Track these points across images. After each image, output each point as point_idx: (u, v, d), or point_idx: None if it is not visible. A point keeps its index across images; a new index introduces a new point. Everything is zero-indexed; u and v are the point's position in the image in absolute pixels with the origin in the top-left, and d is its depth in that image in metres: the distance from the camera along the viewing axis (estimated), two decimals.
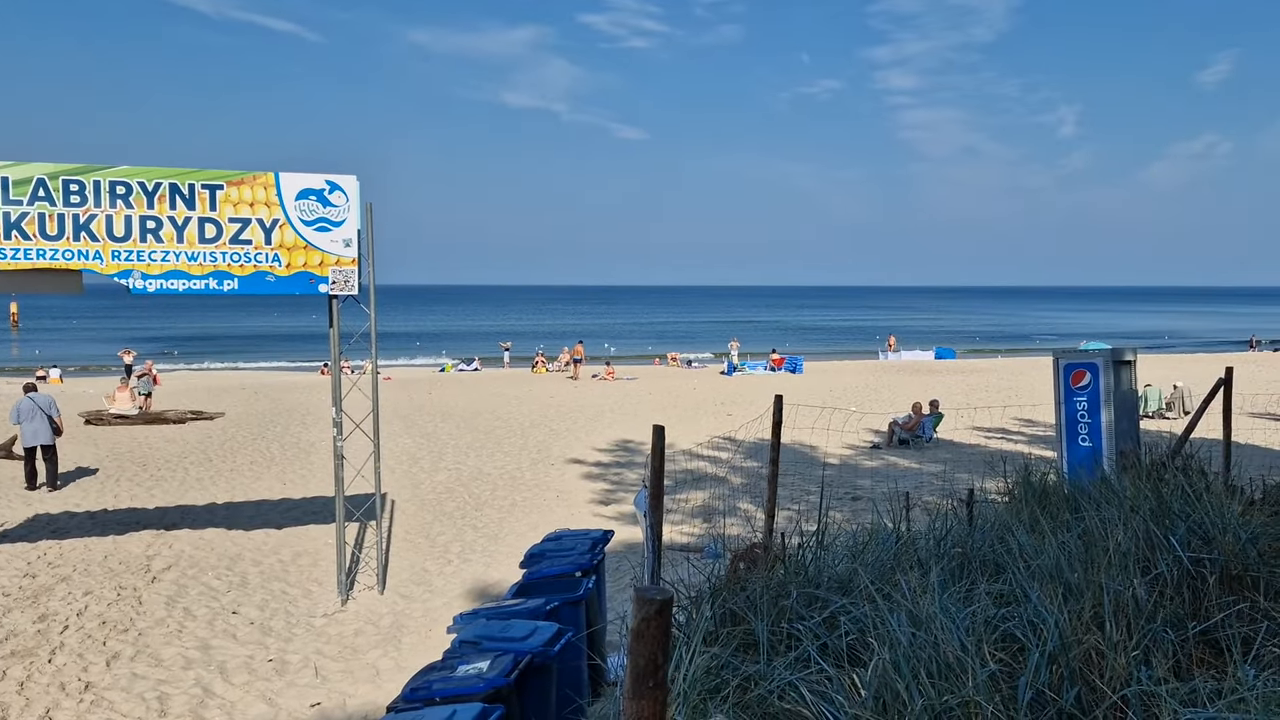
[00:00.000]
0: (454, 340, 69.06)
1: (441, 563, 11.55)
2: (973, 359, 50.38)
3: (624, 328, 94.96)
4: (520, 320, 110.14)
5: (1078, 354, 10.62)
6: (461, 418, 24.30)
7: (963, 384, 32.37)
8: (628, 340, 71.27)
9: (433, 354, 53.11)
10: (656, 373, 40.16)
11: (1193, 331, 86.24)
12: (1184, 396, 24.04)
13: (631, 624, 1.99)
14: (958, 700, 3.39)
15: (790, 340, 68.60)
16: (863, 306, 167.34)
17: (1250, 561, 4.68)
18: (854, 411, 23.29)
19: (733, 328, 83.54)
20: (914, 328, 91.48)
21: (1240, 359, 43.66)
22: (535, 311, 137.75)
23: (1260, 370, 35.84)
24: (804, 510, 12.15)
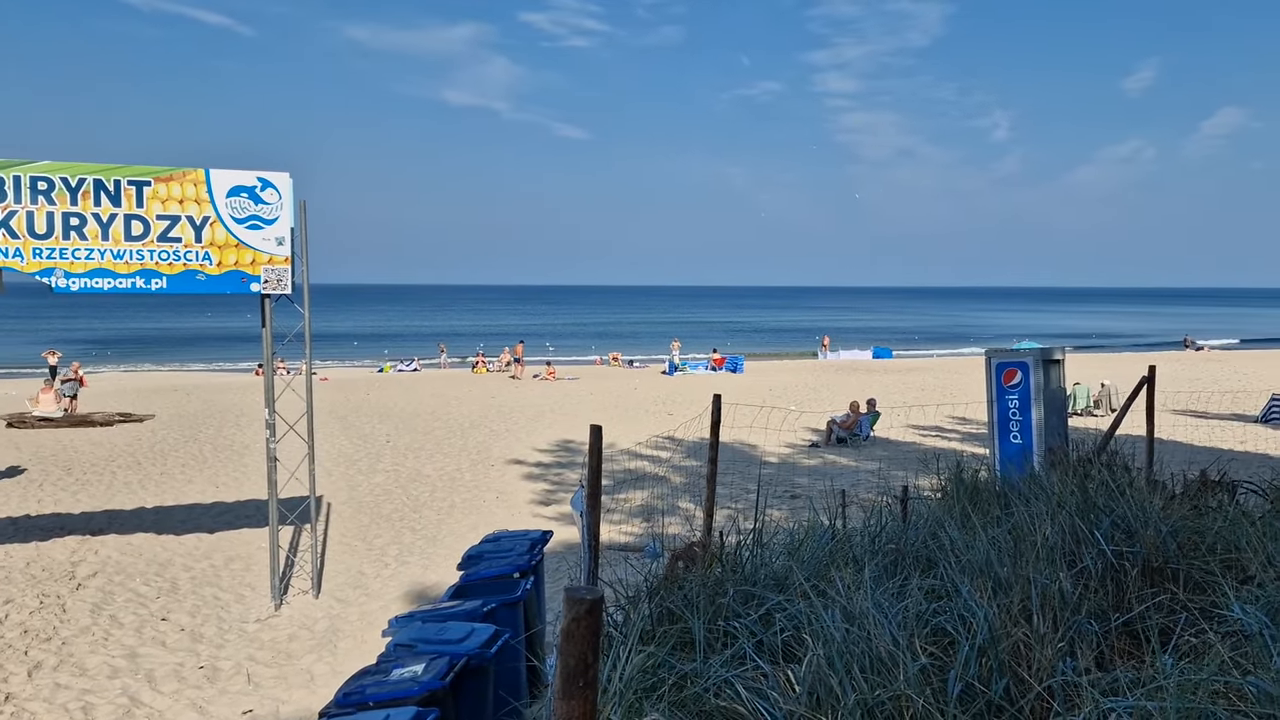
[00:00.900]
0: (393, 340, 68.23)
1: (379, 565, 11.40)
2: (910, 358, 51.23)
3: (565, 328, 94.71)
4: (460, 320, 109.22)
5: (1009, 353, 10.85)
6: (400, 418, 24.01)
7: (900, 383, 32.88)
8: (569, 340, 71.10)
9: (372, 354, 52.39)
10: (598, 373, 40.12)
11: (1123, 331, 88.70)
12: (1111, 394, 24.73)
13: (562, 624, 1.98)
14: (889, 694, 3.44)
15: (731, 340, 69.05)
16: (803, 307, 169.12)
17: (1170, 554, 4.82)
18: (793, 410, 23.52)
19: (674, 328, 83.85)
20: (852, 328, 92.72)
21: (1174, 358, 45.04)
22: (476, 311, 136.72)
23: (1183, 369, 37.02)
24: (743, 509, 12.24)
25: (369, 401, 27.76)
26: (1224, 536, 5.09)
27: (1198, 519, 5.57)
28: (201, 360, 51.34)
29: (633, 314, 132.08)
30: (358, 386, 32.70)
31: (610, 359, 45.78)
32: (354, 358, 50.50)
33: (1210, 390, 26.36)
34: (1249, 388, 27.18)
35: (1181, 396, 23.71)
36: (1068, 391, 16.54)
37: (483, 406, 26.77)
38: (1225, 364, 41.12)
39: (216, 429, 21.92)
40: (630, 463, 16.95)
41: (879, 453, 18.59)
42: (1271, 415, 20.88)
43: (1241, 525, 5.23)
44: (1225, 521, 5.40)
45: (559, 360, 43.90)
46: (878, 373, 38.41)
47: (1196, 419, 21.11)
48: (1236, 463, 11.85)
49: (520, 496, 14.95)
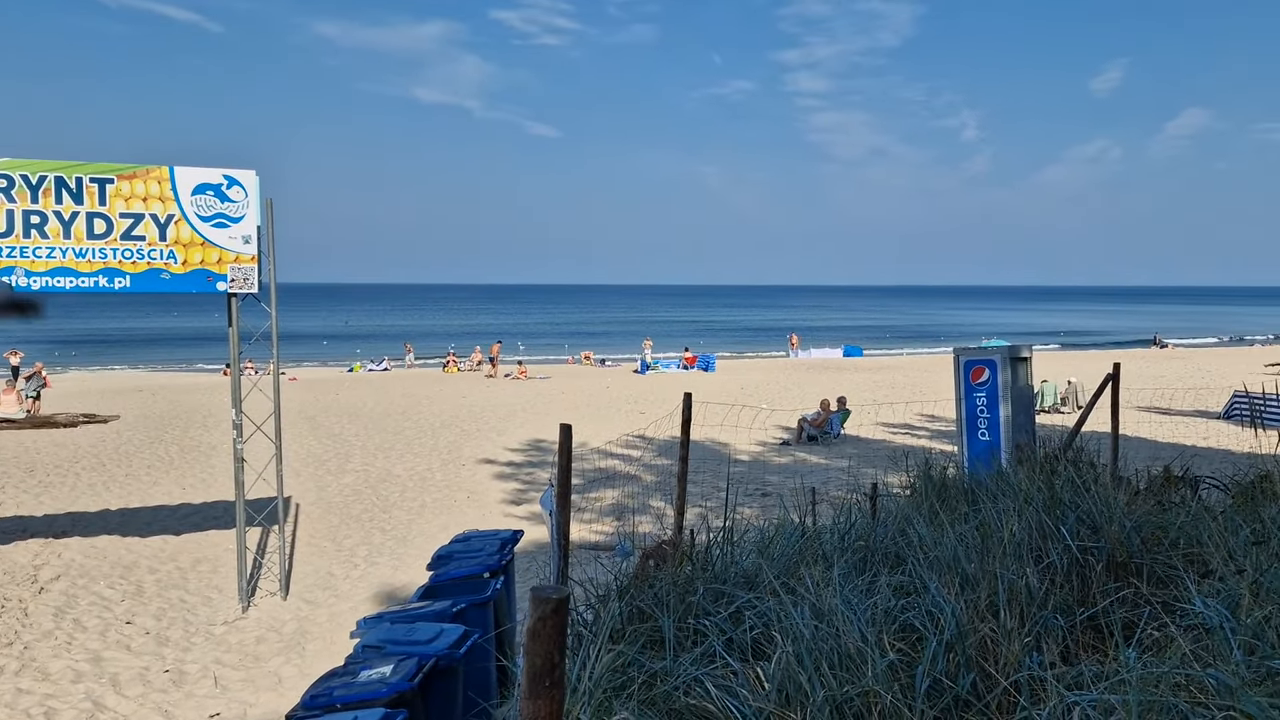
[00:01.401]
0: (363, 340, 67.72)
1: (348, 566, 11.31)
2: (880, 356, 51.57)
3: (537, 327, 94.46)
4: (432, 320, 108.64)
5: (977, 351, 10.94)
6: (370, 418, 23.84)
7: (870, 381, 33.08)
8: (541, 339, 70.89)
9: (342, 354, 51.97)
10: (570, 372, 40.06)
11: (1091, 329, 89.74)
12: (1077, 391, 25.02)
13: (528, 624, 1.97)
14: (858, 690, 3.45)
15: (703, 339, 69.16)
16: (774, 305, 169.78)
17: (1134, 549, 4.88)
18: (764, 409, 23.60)
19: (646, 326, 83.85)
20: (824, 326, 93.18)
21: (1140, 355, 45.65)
22: (447, 311, 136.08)
23: (1148, 366, 37.53)
24: (715, 507, 12.27)
25: (338, 401, 27.55)
26: (1186, 531, 5.16)
27: (1161, 514, 5.65)
28: (168, 360, 50.69)
29: (605, 313, 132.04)
30: (327, 386, 32.44)
31: (582, 358, 45.71)
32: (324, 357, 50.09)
33: (1174, 387, 26.73)
34: (1212, 385, 27.60)
35: (1146, 393, 24.06)
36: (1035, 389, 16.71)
37: (454, 406, 26.64)
38: (1189, 361, 41.73)
39: (183, 430, 21.66)
40: (602, 461, 16.93)
41: (849, 450, 18.69)
42: (1233, 412, 21.21)
43: (1203, 520, 5.30)
44: (1188, 516, 5.47)
45: (530, 359, 43.77)
46: (848, 371, 38.63)
47: (1161, 415, 21.41)
48: (1199, 458, 12.02)
49: (491, 496, 14.89)
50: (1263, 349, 52.78)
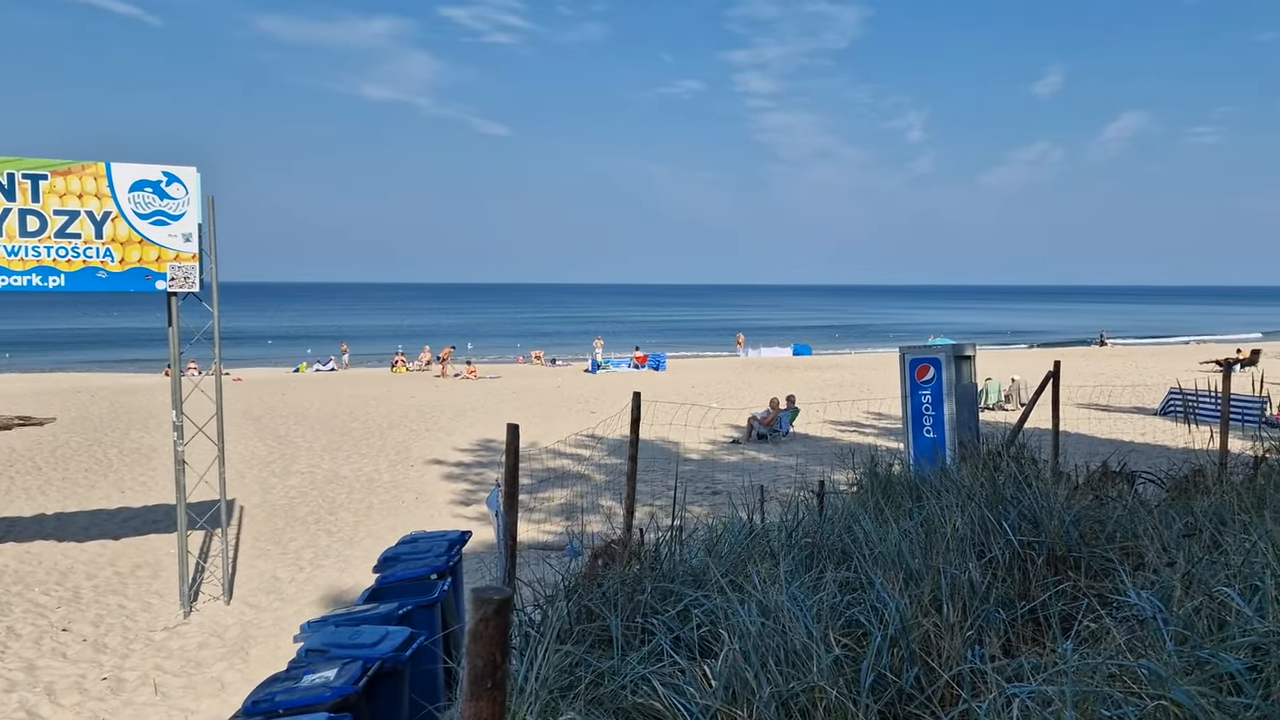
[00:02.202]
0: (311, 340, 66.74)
1: (293, 570, 11.14)
2: (829, 355, 52.05)
3: (487, 325, 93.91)
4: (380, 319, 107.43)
5: (922, 349, 11.08)
6: (316, 419, 23.52)
7: (819, 379, 33.39)
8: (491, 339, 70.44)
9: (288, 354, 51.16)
10: (520, 371, 39.88)
11: (1037, 328, 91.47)
12: (1021, 389, 25.50)
13: (469, 625, 1.94)
14: (803, 686, 3.47)
15: (654, 338, 69.29)
16: (725, 305, 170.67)
17: (1073, 543, 4.97)
18: (715, 408, 23.71)
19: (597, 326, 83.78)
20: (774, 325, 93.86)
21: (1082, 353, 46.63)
22: (397, 310, 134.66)
23: (1089, 364, 38.36)
24: (665, 505, 12.28)
25: (284, 402, 27.13)
26: (1123, 525, 5.27)
27: (1099, 508, 5.77)
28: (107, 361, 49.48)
29: (556, 312, 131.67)
30: (273, 387, 31.92)
31: (533, 357, 45.52)
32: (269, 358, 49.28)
33: (1114, 385, 27.37)
34: (1149, 382, 28.29)
35: (1086, 391, 24.59)
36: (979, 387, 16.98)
37: (402, 406, 26.37)
38: (1128, 359, 42.73)
39: (123, 432, 21.17)
40: (552, 461, 16.88)
41: (798, 448, 18.85)
42: (1169, 408, 21.76)
43: (1139, 514, 5.43)
44: (1124, 511, 5.60)
45: (480, 359, 43.48)
46: (798, 369, 38.95)
47: (1100, 412, 21.90)
48: (1136, 454, 12.31)
49: (440, 497, 14.76)
50: (1198, 347, 54.23)
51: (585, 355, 43.25)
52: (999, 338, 73.07)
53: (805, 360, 46.61)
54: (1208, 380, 11.14)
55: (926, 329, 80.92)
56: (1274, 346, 46.36)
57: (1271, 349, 41.47)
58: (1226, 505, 5.19)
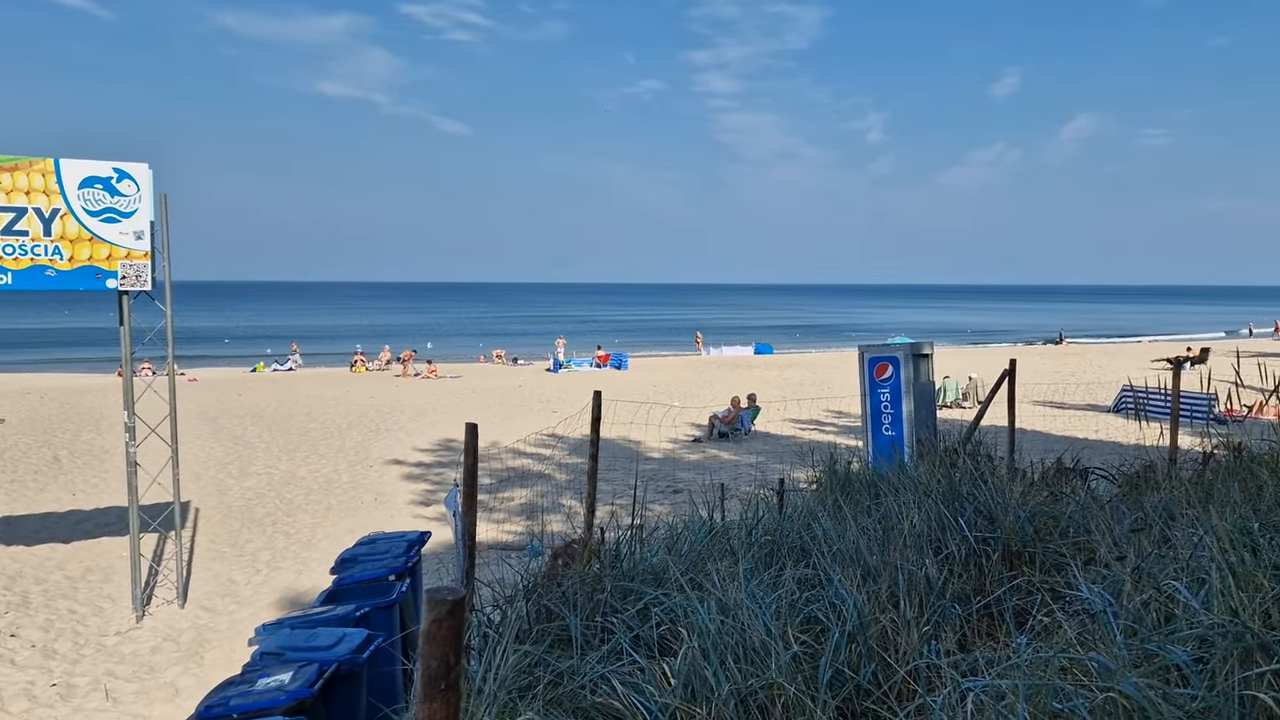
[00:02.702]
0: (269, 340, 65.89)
1: (250, 572, 10.99)
2: (790, 354, 52.36)
3: (448, 325, 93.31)
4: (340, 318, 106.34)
5: (881, 348, 11.18)
6: (274, 420, 23.22)
7: (780, 378, 33.57)
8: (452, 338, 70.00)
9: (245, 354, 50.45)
10: (482, 370, 39.67)
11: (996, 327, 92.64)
12: (978, 387, 25.83)
13: (423, 626, 1.93)
14: (762, 683, 3.49)
15: (616, 337, 69.27)
16: (687, 304, 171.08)
17: (1027, 539, 5.05)
18: (676, 406, 23.76)
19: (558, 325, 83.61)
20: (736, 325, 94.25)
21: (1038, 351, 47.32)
22: (356, 309, 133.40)
23: (1044, 362, 38.94)
24: (627, 504, 12.27)
25: (240, 403, 26.76)
26: (1076, 521, 5.36)
27: (1053, 504, 5.86)
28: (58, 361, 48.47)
29: (517, 311, 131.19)
30: (229, 387, 31.48)
31: (494, 357, 45.31)
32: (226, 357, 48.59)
33: (1068, 382, 27.81)
34: (1103, 379, 28.78)
35: (1042, 389, 24.96)
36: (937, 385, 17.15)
37: (361, 406, 26.13)
38: (1083, 357, 43.44)
39: (74, 434, 20.75)
40: (513, 460, 16.81)
41: (759, 446, 18.94)
42: (1122, 405, 22.15)
43: (1091, 510, 5.51)
44: (1077, 506, 5.69)
45: (441, 358, 43.18)
46: (759, 368, 39.13)
47: (1055, 409, 22.23)
48: (1090, 450, 12.51)
49: (400, 497, 14.64)
50: (1151, 345, 55.27)
51: (547, 354, 43.13)
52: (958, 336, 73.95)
53: (767, 359, 46.84)
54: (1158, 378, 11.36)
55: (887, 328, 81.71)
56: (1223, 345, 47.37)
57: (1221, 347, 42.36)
58: (1175, 500, 5.29)
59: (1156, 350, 45.89)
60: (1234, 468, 6.80)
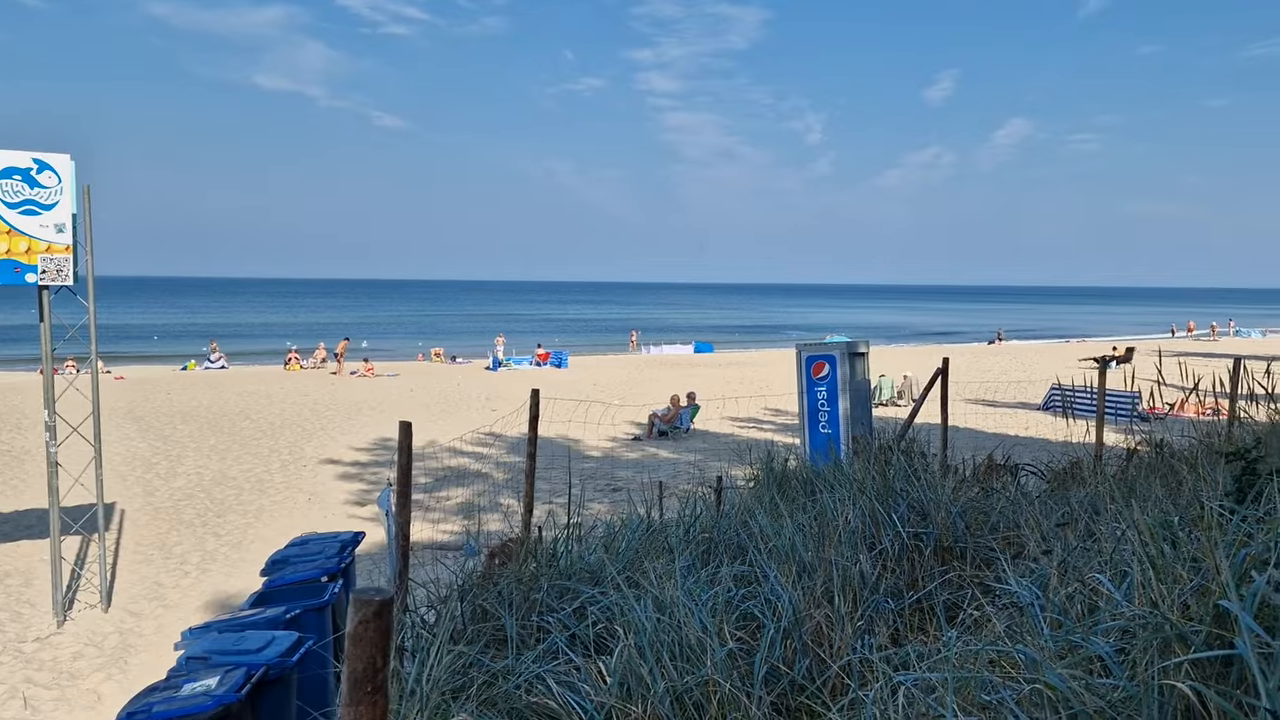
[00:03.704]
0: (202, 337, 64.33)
1: (178, 575, 10.70)
2: (730, 352, 52.67)
3: (386, 322, 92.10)
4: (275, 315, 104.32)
5: (818, 346, 11.29)
6: (205, 419, 22.68)
7: (720, 376, 33.75)
8: (389, 336, 69.09)
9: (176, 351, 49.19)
10: (419, 369, 39.22)
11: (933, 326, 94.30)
12: (913, 385, 26.26)
13: (348, 628, 1.88)
14: (697, 680, 3.49)
15: (557, 335, 69.04)
16: (629, 302, 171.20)
17: (959, 534, 5.13)
18: (616, 405, 23.76)
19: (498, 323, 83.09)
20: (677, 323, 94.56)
21: (972, 350, 48.26)
22: (290, 305, 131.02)
23: (977, 360, 39.75)
24: (565, 503, 12.23)
25: (170, 401, 26.10)
26: (1006, 516, 5.46)
27: (984, 500, 5.97)
28: None
29: (456, 309, 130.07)
30: (157, 385, 30.68)
31: (433, 355, 44.82)
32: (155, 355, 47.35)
33: (1000, 381, 28.41)
34: (1033, 378, 29.46)
35: (974, 387, 25.47)
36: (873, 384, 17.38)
37: (296, 405, 25.65)
38: (1015, 357, 44.43)
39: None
40: (451, 459, 16.65)
41: (699, 444, 19.01)
42: (1051, 403, 22.70)
43: (1021, 505, 5.63)
44: (1007, 502, 5.80)
45: (378, 356, 42.59)
46: (699, 367, 39.30)
47: (987, 407, 22.69)
48: (1020, 447, 12.80)
49: (335, 497, 14.40)
50: (1079, 345, 56.73)
51: (486, 353, 42.80)
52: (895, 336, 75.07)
53: (707, 358, 47.08)
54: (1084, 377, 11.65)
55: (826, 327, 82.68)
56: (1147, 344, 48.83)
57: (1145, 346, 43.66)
58: (1100, 496, 5.41)
59: (1085, 350, 47.13)
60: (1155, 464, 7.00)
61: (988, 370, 34.37)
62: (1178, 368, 11.62)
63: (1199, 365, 12.35)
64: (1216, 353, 40.00)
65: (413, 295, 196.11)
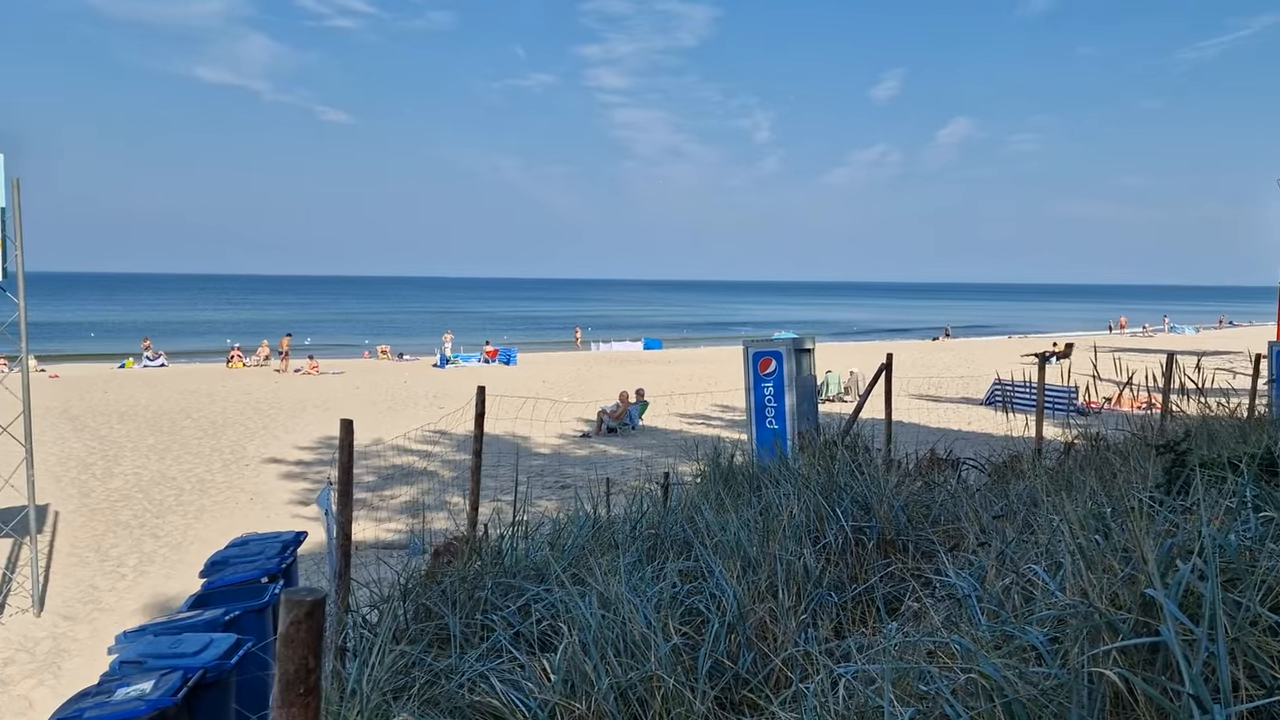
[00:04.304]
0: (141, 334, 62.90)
1: (114, 578, 10.45)
2: (679, 349, 52.83)
3: (331, 319, 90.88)
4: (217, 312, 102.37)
5: (765, 342, 11.35)
6: (144, 418, 22.18)
7: (669, 373, 33.83)
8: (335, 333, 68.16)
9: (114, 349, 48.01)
10: (366, 366, 38.75)
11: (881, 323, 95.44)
12: (859, 381, 26.56)
13: (280, 629, 1.85)
14: (641, 676, 3.49)
15: (505, 332, 68.65)
16: (578, 299, 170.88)
17: (901, 527, 5.19)
18: (565, 402, 23.71)
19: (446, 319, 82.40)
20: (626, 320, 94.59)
21: (919, 346, 48.93)
22: (233, 302, 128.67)
23: (922, 356, 40.34)
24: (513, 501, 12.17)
25: (107, 400, 25.48)
26: (947, 509, 5.55)
27: (926, 494, 6.05)
28: None
29: (403, 305, 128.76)
30: (94, 384, 29.93)
31: (379, 352, 44.32)
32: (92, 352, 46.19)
33: (944, 376, 28.85)
34: (976, 373, 29.96)
35: (918, 382, 25.82)
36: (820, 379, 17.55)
37: (238, 403, 25.20)
38: (958, 352, 45.16)
39: None
40: (397, 458, 16.48)
41: (647, 441, 19.04)
42: (993, 398, 23.11)
43: (961, 498, 5.72)
44: (948, 495, 5.89)
45: (323, 353, 41.99)
46: (648, 363, 39.36)
47: (931, 402, 23.04)
48: (962, 441, 12.99)
49: (278, 497, 14.17)
50: (1021, 340, 57.84)
51: (434, 350, 42.43)
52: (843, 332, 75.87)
53: (656, 354, 47.17)
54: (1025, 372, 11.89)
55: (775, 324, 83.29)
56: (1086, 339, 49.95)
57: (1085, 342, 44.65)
58: (1038, 488, 5.52)
59: (1027, 346, 48.07)
60: (1091, 457, 7.16)
61: (932, 366, 34.90)
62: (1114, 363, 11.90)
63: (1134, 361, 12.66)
64: (1151, 348, 41.07)
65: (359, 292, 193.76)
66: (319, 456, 17.33)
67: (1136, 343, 51.16)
